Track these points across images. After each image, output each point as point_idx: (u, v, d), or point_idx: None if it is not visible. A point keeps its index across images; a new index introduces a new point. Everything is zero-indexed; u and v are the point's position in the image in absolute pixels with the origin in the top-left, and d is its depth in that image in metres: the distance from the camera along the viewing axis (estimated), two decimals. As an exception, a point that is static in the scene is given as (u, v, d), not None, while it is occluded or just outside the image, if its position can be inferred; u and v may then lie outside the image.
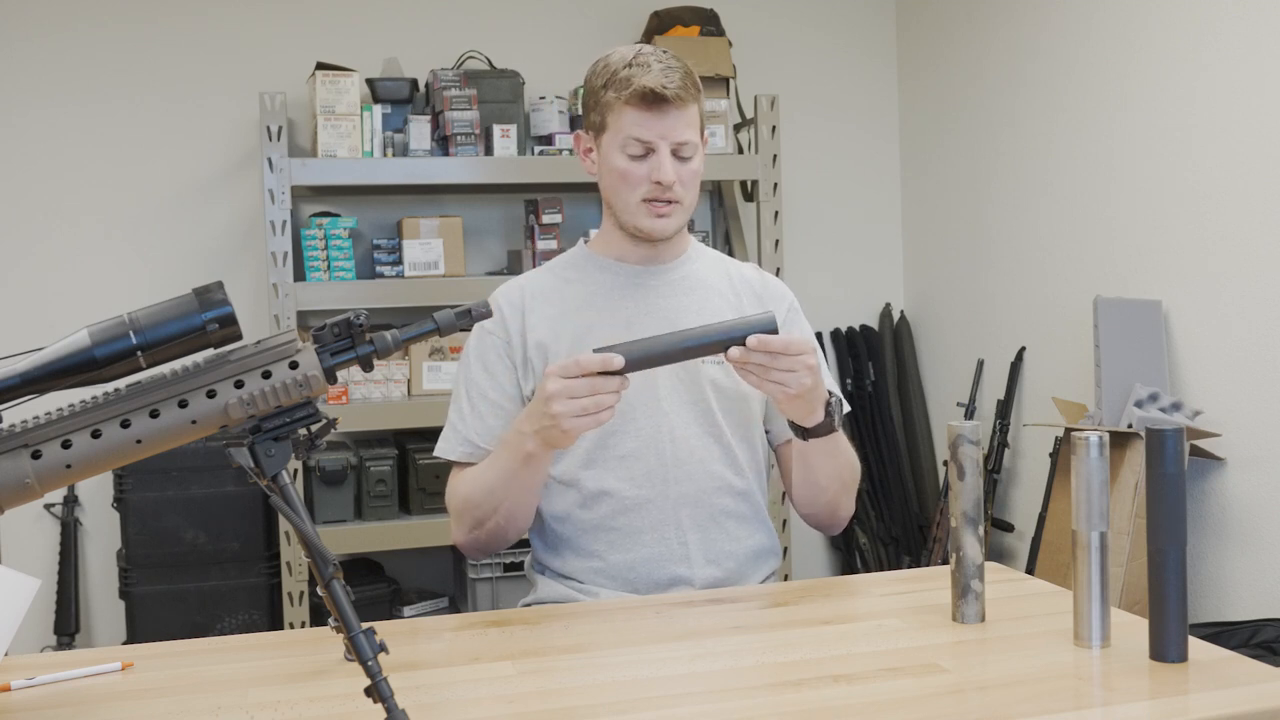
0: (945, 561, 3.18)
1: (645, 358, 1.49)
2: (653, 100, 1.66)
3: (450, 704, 1.23)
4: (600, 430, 1.71)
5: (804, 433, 1.65)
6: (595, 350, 1.48)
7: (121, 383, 1.08)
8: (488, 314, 1.17)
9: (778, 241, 3.49)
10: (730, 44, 3.63)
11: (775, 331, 1.49)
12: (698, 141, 1.72)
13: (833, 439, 1.68)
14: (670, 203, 1.71)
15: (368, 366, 1.13)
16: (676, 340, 1.49)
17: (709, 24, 3.65)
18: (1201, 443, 2.72)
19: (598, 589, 1.73)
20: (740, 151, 3.60)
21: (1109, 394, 2.83)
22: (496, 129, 3.34)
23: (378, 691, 1.06)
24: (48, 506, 3.39)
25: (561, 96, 3.49)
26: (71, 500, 3.40)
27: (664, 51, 1.72)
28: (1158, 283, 2.93)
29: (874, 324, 4.03)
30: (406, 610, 3.33)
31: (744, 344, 1.49)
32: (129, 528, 3.17)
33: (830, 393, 1.65)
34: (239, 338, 1.10)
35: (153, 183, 3.49)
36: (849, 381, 3.94)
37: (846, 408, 1.85)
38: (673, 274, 1.80)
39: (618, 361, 1.46)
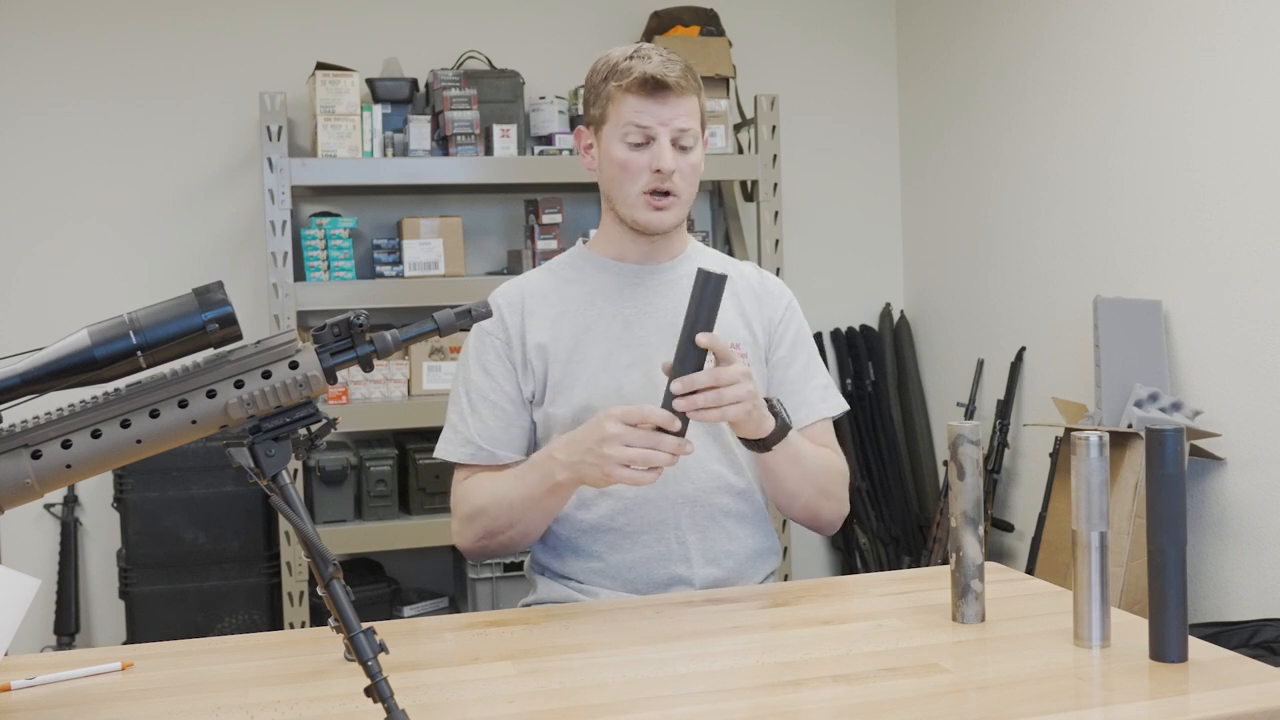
0: (945, 561, 3.18)
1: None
2: (654, 87, 1.67)
3: (450, 704, 1.23)
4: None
5: (763, 445, 1.61)
6: (668, 376, 1.49)
7: (121, 383, 1.08)
8: (488, 314, 1.17)
9: (778, 241, 3.49)
10: (730, 44, 3.64)
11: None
12: (698, 133, 1.72)
13: (791, 444, 1.65)
14: (669, 195, 1.71)
15: (368, 366, 1.13)
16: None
17: (709, 24, 3.65)
18: (1201, 443, 2.72)
19: (597, 589, 1.73)
20: (740, 151, 3.60)
21: (1109, 394, 2.83)
22: (496, 129, 3.34)
23: (378, 691, 1.06)
24: (48, 506, 3.39)
25: (561, 96, 3.49)
26: (71, 500, 3.40)
27: (665, 48, 1.73)
28: (1158, 283, 2.93)
29: (874, 324, 4.03)
30: (406, 610, 3.33)
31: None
32: (129, 528, 3.17)
33: (769, 399, 1.62)
34: (239, 338, 1.10)
35: (153, 183, 3.49)
36: (849, 381, 3.94)
37: (845, 408, 1.85)
38: (672, 273, 1.80)
39: (677, 425, 1.47)
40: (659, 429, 1.48)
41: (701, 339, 1.49)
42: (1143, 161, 2.98)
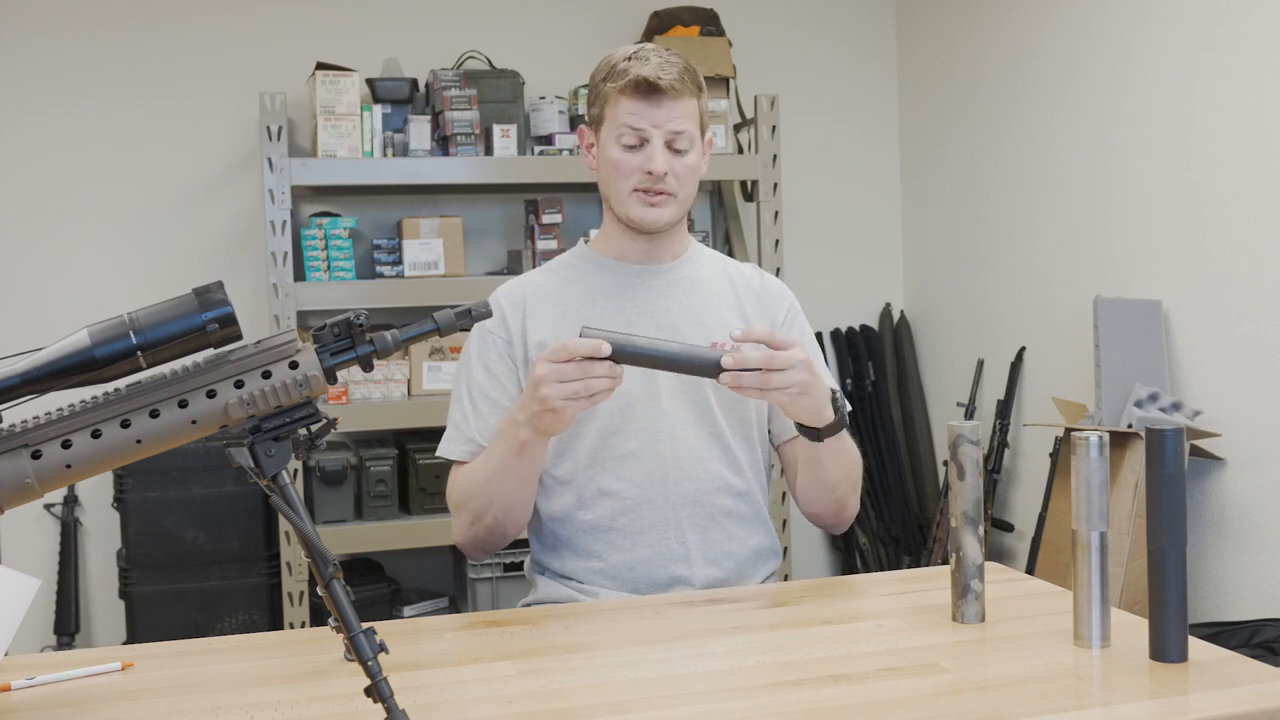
0: (945, 561, 3.18)
1: (630, 353, 1.49)
2: (647, 90, 1.67)
3: (450, 704, 1.23)
4: (600, 430, 1.71)
5: (818, 434, 1.63)
6: (584, 333, 1.49)
7: (121, 383, 1.08)
8: (488, 314, 1.17)
9: (778, 241, 3.49)
10: (730, 44, 3.63)
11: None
12: (694, 135, 1.71)
13: (839, 436, 1.67)
14: (661, 194, 1.71)
15: (368, 366, 1.13)
16: (660, 348, 1.50)
17: (709, 24, 3.65)
18: (1201, 443, 2.72)
19: (597, 589, 1.73)
20: (740, 151, 3.60)
21: (1109, 394, 2.83)
22: (496, 129, 3.34)
23: (378, 691, 1.06)
24: (48, 506, 3.39)
25: (561, 96, 3.49)
26: (71, 500, 3.40)
27: (667, 49, 1.73)
28: (1158, 283, 2.93)
29: (874, 324, 4.03)
30: (406, 610, 3.33)
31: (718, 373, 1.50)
32: (129, 528, 3.17)
33: (831, 389, 1.64)
34: (239, 338, 1.10)
35: (153, 183, 3.49)
36: (849, 381, 3.94)
37: (848, 409, 1.85)
38: (673, 274, 1.80)
39: (605, 349, 1.47)
40: (588, 359, 1.47)
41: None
42: (1143, 161, 2.98)
